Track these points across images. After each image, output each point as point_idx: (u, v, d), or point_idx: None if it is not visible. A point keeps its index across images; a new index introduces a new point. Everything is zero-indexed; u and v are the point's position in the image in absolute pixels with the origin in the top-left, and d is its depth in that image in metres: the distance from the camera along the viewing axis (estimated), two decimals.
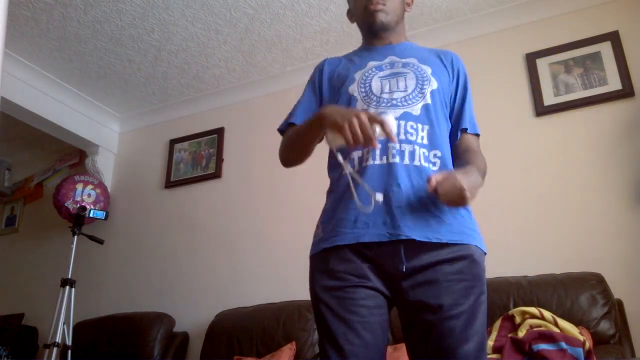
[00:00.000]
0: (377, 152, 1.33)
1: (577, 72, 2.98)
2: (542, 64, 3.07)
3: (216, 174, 3.80)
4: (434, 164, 1.35)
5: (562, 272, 2.51)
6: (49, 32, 3.38)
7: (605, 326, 2.31)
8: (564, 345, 2.09)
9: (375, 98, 1.40)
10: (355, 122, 1.18)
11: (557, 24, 3.12)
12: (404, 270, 1.26)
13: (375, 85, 1.42)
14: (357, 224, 1.30)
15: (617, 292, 2.43)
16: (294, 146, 1.50)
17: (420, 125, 1.36)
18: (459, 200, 1.19)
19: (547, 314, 2.27)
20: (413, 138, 1.34)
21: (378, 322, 1.28)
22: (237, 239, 3.56)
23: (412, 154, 1.32)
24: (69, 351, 2.97)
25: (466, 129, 1.47)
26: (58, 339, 2.94)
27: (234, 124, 3.89)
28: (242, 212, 3.62)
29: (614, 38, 2.94)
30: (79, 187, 3.87)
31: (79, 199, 3.81)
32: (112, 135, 4.32)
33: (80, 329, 3.36)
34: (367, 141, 1.18)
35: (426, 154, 1.34)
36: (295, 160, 1.53)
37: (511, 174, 2.87)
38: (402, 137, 1.33)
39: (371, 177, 1.32)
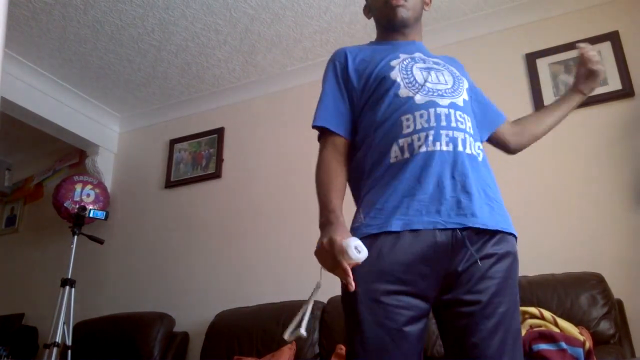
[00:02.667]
0: (431, 137, 1.29)
1: None
2: (542, 64, 3.07)
3: (216, 174, 3.80)
4: (479, 155, 1.36)
5: (562, 272, 2.51)
6: (49, 32, 3.38)
7: (605, 326, 2.31)
8: (564, 345, 2.09)
9: (420, 86, 1.37)
10: (323, 254, 1.24)
11: (557, 24, 3.12)
12: (452, 266, 1.24)
13: (417, 74, 1.41)
14: (410, 211, 1.25)
15: (617, 292, 2.43)
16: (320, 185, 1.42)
17: (466, 116, 1.36)
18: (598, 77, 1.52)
19: (547, 314, 2.27)
20: (463, 127, 1.34)
21: (416, 331, 1.23)
22: (237, 239, 3.56)
23: (464, 142, 1.32)
24: (69, 351, 2.97)
25: (506, 119, 1.61)
26: (58, 339, 2.94)
27: (234, 124, 3.89)
28: (242, 212, 3.62)
29: (614, 38, 2.94)
30: (78, 187, 3.87)
31: (78, 199, 3.81)
32: (112, 135, 4.32)
33: (80, 329, 3.36)
34: (333, 271, 1.23)
35: (473, 142, 1.35)
36: None
37: (511, 174, 2.87)
38: (454, 124, 1.32)
39: (427, 163, 1.27)
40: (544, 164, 2.88)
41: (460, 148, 1.30)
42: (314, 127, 1.47)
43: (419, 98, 1.35)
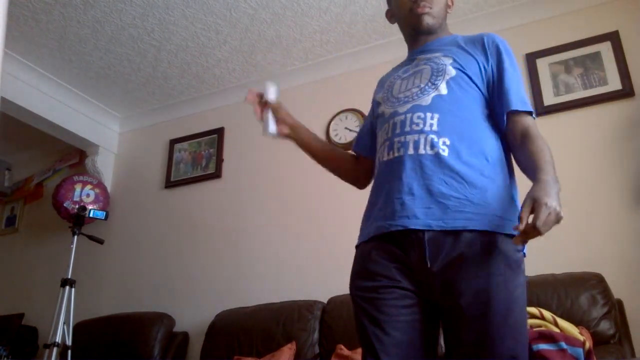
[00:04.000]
0: (385, 148, 1.38)
1: (577, 72, 2.98)
2: (542, 64, 3.07)
3: (216, 174, 3.80)
4: (443, 150, 1.30)
5: (562, 272, 2.51)
6: (49, 32, 3.38)
7: (605, 326, 2.31)
8: (564, 345, 2.09)
9: (393, 99, 1.45)
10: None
11: (557, 24, 3.12)
12: (429, 266, 1.25)
13: (396, 87, 1.47)
14: (369, 221, 1.38)
15: (617, 292, 2.43)
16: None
17: (429, 114, 1.34)
18: (556, 223, 1.17)
19: (547, 314, 2.27)
20: (419, 128, 1.33)
21: (410, 321, 1.27)
22: (237, 239, 3.56)
23: (417, 143, 1.32)
24: (69, 351, 2.97)
25: (514, 111, 1.35)
26: (58, 339, 2.93)
27: (234, 124, 3.88)
28: (242, 212, 3.62)
29: (614, 38, 2.94)
30: (78, 187, 3.87)
31: (77, 199, 3.81)
32: (112, 135, 4.32)
33: (80, 329, 3.36)
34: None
35: (435, 139, 1.31)
36: (336, 174, 1.70)
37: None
38: (408, 129, 1.34)
39: (382, 172, 1.38)
40: None
41: (410, 151, 1.32)
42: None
43: (387, 111, 1.43)
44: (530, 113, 1.38)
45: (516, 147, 1.36)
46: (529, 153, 1.30)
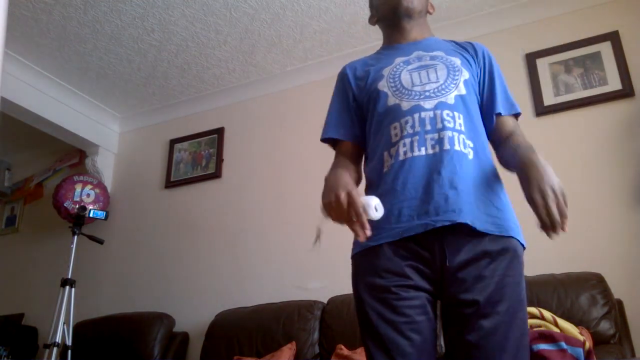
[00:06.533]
0: (416, 143, 1.31)
1: (577, 72, 2.98)
2: (542, 64, 3.07)
3: (216, 174, 3.80)
4: (470, 152, 1.32)
5: (562, 272, 2.51)
6: (49, 32, 3.38)
7: (605, 326, 2.31)
8: (564, 345, 2.09)
9: (406, 92, 1.38)
10: (334, 204, 1.19)
11: (557, 24, 3.12)
12: (447, 265, 1.24)
13: (405, 78, 1.41)
14: (402, 218, 1.28)
15: (617, 292, 2.43)
16: None
17: (456, 113, 1.34)
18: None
19: (547, 314, 2.27)
20: (450, 125, 1.32)
21: (424, 321, 1.26)
22: (237, 239, 3.56)
23: (452, 140, 1.30)
24: (69, 351, 2.97)
25: (500, 113, 1.44)
26: (58, 339, 2.94)
27: (234, 124, 3.89)
28: (242, 212, 3.62)
29: (614, 38, 2.94)
30: (78, 187, 3.87)
31: (78, 199, 3.81)
32: (112, 135, 4.32)
33: (80, 329, 3.36)
34: (348, 222, 1.17)
35: (465, 139, 1.33)
36: None
37: (510, 174, 2.87)
38: (440, 125, 1.32)
39: (413, 169, 1.30)
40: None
41: (447, 147, 1.30)
42: (322, 141, 1.55)
43: (404, 104, 1.37)
44: (517, 115, 1.49)
45: (501, 142, 1.43)
46: (516, 143, 1.37)
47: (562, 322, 2.23)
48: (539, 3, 3.17)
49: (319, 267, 3.20)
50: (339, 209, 1.18)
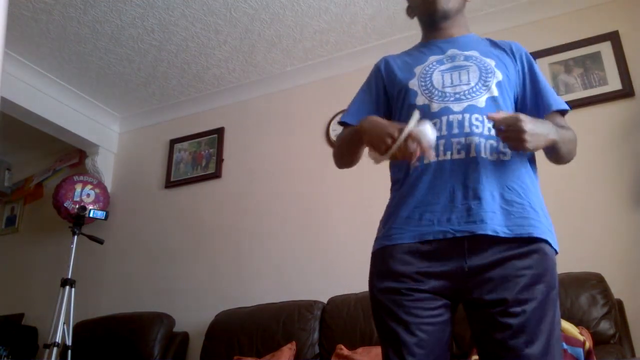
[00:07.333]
0: (442, 147, 1.31)
1: (577, 72, 2.98)
2: (542, 64, 3.06)
3: (216, 174, 3.80)
4: (505, 154, 1.32)
5: (562, 272, 2.50)
6: (49, 32, 3.38)
7: (605, 326, 2.31)
8: (563, 345, 2.09)
9: (437, 92, 1.38)
10: (389, 142, 1.21)
11: (557, 24, 3.12)
12: (467, 269, 1.24)
13: (437, 79, 1.40)
14: (422, 222, 1.29)
15: (617, 292, 2.43)
16: (342, 154, 1.55)
17: (485, 118, 1.33)
18: (517, 142, 1.20)
19: None
20: (479, 131, 1.31)
21: (437, 322, 1.26)
22: (237, 239, 3.56)
23: (479, 147, 1.30)
24: (69, 351, 2.97)
25: (560, 110, 1.44)
26: (58, 339, 2.93)
27: (234, 124, 3.89)
28: (242, 212, 3.62)
29: (614, 38, 2.94)
30: (78, 187, 3.87)
31: (78, 199, 3.81)
32: (112, 135, 4.32)
33: (80, 329, 3.36)
34: (407, 158, 1.22)
35: (495, 144, 1.32)
36: (344, 165, 1.58)
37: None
38: (467, 130, 1.31)
39: (438, 173, 1.31)
40: (544, 164, 2.87)
41: (473, 154, 1.29)
42: (339, 124, 1.57)
43: (434, 106, 1.36)
44: (564, 112, 1.47)
45: None
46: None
47: (562, 322, 2.22)
48: (539, 3, 3.17)
49: (319, 267, 3.20)
50: (400, 146, 1.21)
